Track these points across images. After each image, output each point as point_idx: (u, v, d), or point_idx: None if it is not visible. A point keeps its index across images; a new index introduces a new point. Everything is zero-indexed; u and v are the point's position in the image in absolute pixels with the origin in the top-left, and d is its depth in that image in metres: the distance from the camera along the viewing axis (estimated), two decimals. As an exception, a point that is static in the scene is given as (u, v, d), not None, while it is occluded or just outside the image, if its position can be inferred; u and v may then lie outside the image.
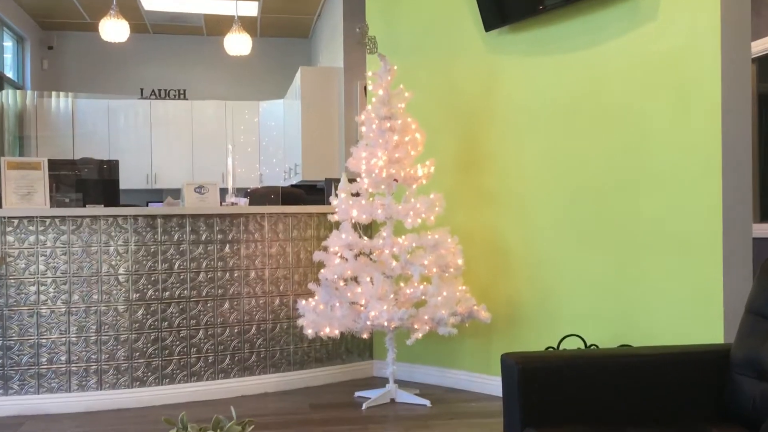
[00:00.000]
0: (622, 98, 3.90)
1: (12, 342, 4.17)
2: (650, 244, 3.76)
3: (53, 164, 4.56)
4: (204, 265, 4.55)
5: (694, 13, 3.55)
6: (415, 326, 4.11)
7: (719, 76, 3.45)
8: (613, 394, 2.41)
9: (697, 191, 3.54)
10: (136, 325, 4.38)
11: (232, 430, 2.10)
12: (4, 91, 8.81)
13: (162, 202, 5.13)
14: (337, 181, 4.62)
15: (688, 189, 3.58)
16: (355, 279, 4.29)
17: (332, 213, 4.43)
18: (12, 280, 4.17)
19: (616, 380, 2.42)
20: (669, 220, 3.67)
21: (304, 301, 4.33)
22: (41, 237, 4.22)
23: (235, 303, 4.64)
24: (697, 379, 2.46)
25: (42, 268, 4.21)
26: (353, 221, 4.32)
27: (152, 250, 4.42)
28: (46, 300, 4.22)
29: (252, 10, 9.27)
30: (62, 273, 4.24)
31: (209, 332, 4.56)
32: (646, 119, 3.79)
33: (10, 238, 4.17)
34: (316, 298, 4.31)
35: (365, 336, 4.35)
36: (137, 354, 4.38)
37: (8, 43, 9.26)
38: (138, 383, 4.37)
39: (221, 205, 4.93)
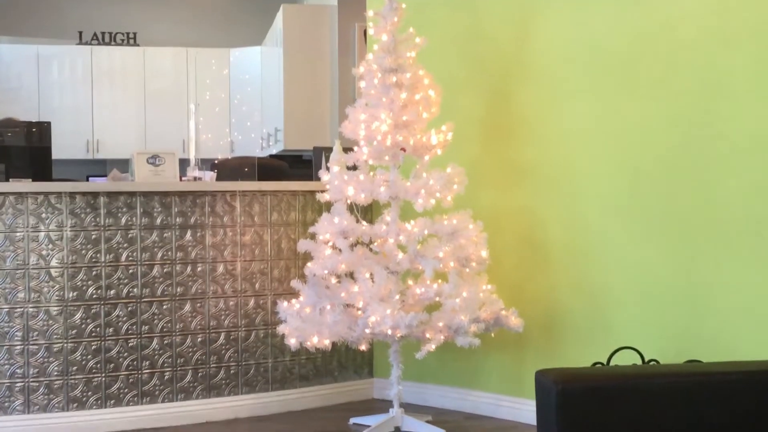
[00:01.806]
0: (695, 49, 3.88)
1: None
2: (728, 236, 3.75)
3: (-33, 127, 4.57)
4: (159, 256, 4.56)
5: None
6: (427, 335, 4.12)
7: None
8: (678, 421, 2.41)
9: (788, 166, 3.54)
10: (73, 331, 4.39)
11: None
12: None
13: (106, 176, 5.14)
14: (329, 150, 4.62)
15: (777, 164, 3.58)
16: (350, 275, 4.29)
17: (322, 191, 4.43)
18: None
19: (681, 404, 2.42)
20: (753, 207, 3.66)
21: (286, 303, 4.34)
22: (-47, 219, 4.23)
23: (199, 305, 4.65)
24: (785, 403, 2.46)
25: (-46, 258, 4.23)
26: (349, 201, 4.31)
27: (93, 236, 4.43)
28: (-41, 299, 4.24)
29: (221, -69, 9.23)
30: (-21, 265, 4.26)
31: (165, 341, 4.57)
32: (725, 75, 3.77)
33: None
34: (301, 299, 4.32)
35: (363, 348, 4.36)
36: (74, 368, 4.39)
37: None
38: (75, 405, 4.39)
39: (181, 180, 4.93)
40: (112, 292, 4.46)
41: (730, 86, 3.75)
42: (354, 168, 4.39)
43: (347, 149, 4.43)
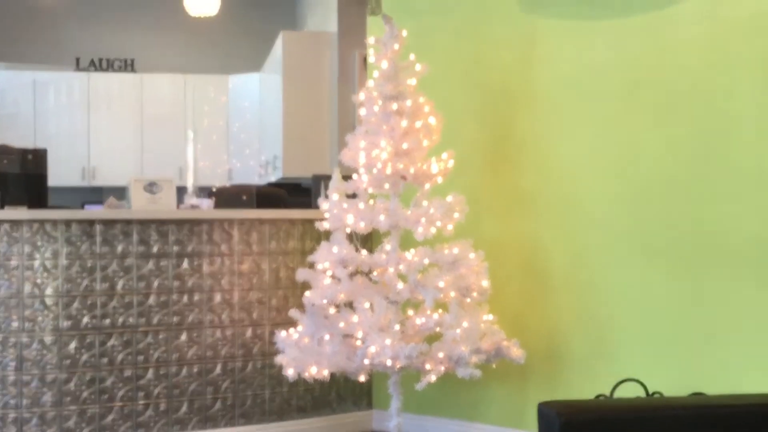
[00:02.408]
0: (697, 75, 3.90)
1: None
2: (733, 265, 3.76)
3: (-38, 153, 4.57)
4: (155, 285, 4.56)
5: (791, -35, 3.56)
6: (428, 366, 4.11)
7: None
8: (683, 455, 2.41)
9: (793, 195, 3.55)
10: (68, 361, 4.38)
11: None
12: None
13: (102, 203, 5.14)
14: (329, 178, 4.63)
15: (782, 192, 3.59)
16: (350, 305, 4.29)
17: (321, 219, 4.43)
18: None
19: (686, 438, 2.42)
20: (758, 234, 3.67)
21: (284, 333, 4.33)
22: (-54, 247, 4.24)
23: (195, 335, 4.64)
24: (792, 437, 2.46)
25: (-53, 286, 4.23)
26: (348, 230, 4.32)
27: (89, 265, 4.43)
28: (-48, 328, 4.24)
29: (220, -42, 9.29)
30: (-27, 293, 4.26)
31: (161, 372, 4.56)
32: (727, 101, 3.79)
33: None
34: (299, 328, 4.31)
35: (362, 379, 4.35)
36: (68, 399, 4.38)
37: None
38: (69, 437, 4.38)
39: (178, 208, 4.93)
40: (108, 321, 4.46)
41: (733, 112, 3.76)
42: (354, 196, 4.40)
43: (347, 177, 4.43)
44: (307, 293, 4.26)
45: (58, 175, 7.09)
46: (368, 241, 4.82)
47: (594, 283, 4.31)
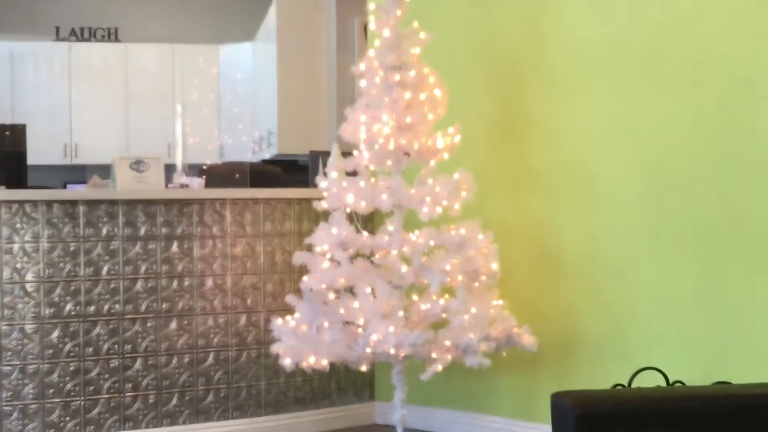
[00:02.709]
0: (723, 44, 3.89)
1: None
2: (759, 246, 3.76)
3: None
4: (143, 269, 4.56)
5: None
6: (433, 355, 4.12)
7: None
8: (706, 449, 2.41)
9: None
10: (50, 351, 4.39)
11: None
12: None
13: (85, 182, 5.14)
14: (327, 154, 4.62)
15: (812, 168, 3.59)
16: (350, 290, 4.30)
17: (319, 199, 4.43)
18: None
19: (709, 429, 2.42)
20: (784, 212, 3.67)
21: (280, 320, 4.34)
22: None
23: (186, 322, 4.65)
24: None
25: None
26: (348, 210, 4.32)
27: (72, 248, 4.43)
28: (-73, 316, 4.25)
29: None
30: (-52, 279, 4.27)
31: (150, 362, 4.58)
32: (756, 73, 3.78)
33: None
34: (296, 315, 4.32)
35: (364, 368, 4.36)
36: (51, 391, 4.39)
37: None
38: (52, 431, 4.39)
39: (167, 187, 4.93)
40: (92, 308, 4.47)
41: (760, 83, 3.75)
42: (354, 174, 4.40)
43: (346, 153, 4.43)
44: (305, 278, 4.27)
45: (38, 153, 7.09)
46: (369, 221, 4.82)
47: (610, 266, 4.32)
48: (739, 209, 3.83)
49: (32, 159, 5.16)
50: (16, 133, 4.95)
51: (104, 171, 5.99)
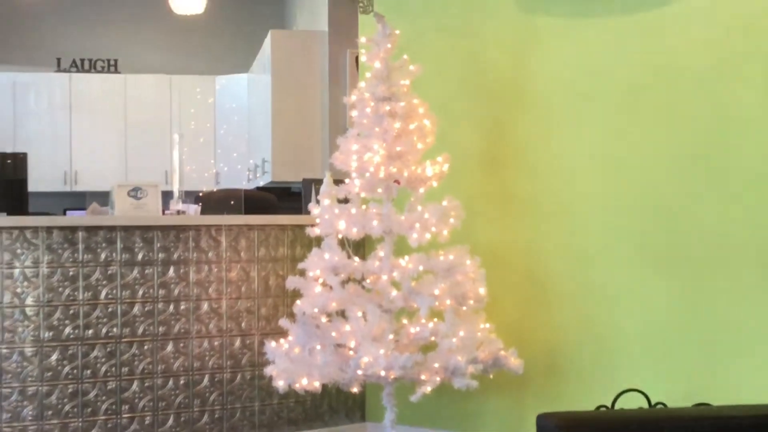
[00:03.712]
0: (700, 77, 3.91)
1: None
2: (737, 271, 3.77)
3: (-61, 158, 4.57)
4: (140, 293, 4.55)
5: (796, -38, 3.57)
6: (423, 377, 4.11)
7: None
8: (688, 469, 2.41)
9: (800, 199, 3.56)
10: (49, 373, 4.37)
11: None
12: None
13: (85, 209, 5.13)
14: (320, 182, 4.63)
15: (788, 196, 3.60)
16: (342, 314, 4.29)
17: (312, 225, 4.43)
18: None
19: (691, 451, 2.42)
20: (762, 240, 3.68)
21: (274, 343, 4.33)
22: (-77, 255, 4.23)
23: (182, 345, 4.64)
24: (800, 449, 2.46)
25: (-77, 296, 4.22)
26: (340, 236, 4.32)
27: (71, 273, 4.42)
28: (-71, 339, 4.22)
29: (207, -46, 9.29)
30: (-50, 303, 4.25)
31: (146, 384, 4.56)
32: (730, 105, 3.80)
33: None
34: (290, 338, 4.31)
35: (355, 390, 4.34)
36: (50, 413, 4.37)
37: None
38: (50, 452, 4.37)
39: (164, 213, 4.93)
40: (90, 331, 4.45)
41: (736, 116, 3.78)
42: (345, 201, 4.40)
43: (338, 181, 4.43)
44: (298, 302, 4.26)
45: (38, 180, 7.11)
46: (361, 247, 4.82)
47: (594, 290, 4.32)
48: (717, 234, 3.84)
49: (33, 186, 5.16)
50: (18, 161, 4.95)
51: (103, 198, 5.98)
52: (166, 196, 6.09)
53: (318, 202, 4.41)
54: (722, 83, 3.83)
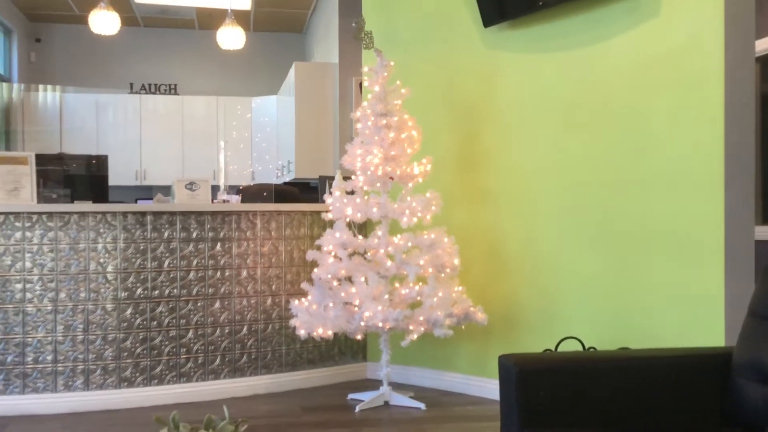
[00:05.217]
0: (624, 97, 3.91)
1: (-3, 341, 4.16)
2: (651, 245, 3.77)
3: (40, 159, 4.55)
4: (194, 263, 4.55)
5: (697, 10, 3.56)
6: (410, 327, 4.11)
7: (722, 75, 3.46)
8: (612, 397, 2.41)
9: (700, 192, 3.55)
10: (125, 324, 4.37)
11: (224, 430, 2.09)
12: (-10, 84, 8.79)
13: (151, 199, 5.13)
14: (332, 178, 4.62)
15: (691, 190, 3.59)
16: (349, 279, 4.29)
17: (326, 211, 4.43)
18: (-3, 278, 4.17)
19: (615, 383, 2.42)
20: (671, 221, 3.68)
21: (296, 301, 4.33)
22: (28, 233, 4.20)
23: (226, 302, 4.64)
24: (699, 382, 2.46)
25: (28, 265, 4.20)
26: (348, 220, 4.32)
27: (141, 247, 4.41)
28: (32, 298, 4.21)
29: (245, 3, 9.26)
30: (49, 270, 4.23)
31: (199, 332, 4.56)
32: (647, 118, 3.79)
33: (-5, 234, 4.16)
34: (309, 298, 4.31)
35: (359, 337, 4.35)
36: (125, 354, 4.37)
37: (-5, 35, 9.23)
38: (126, 384, 4.36)
39: (212, 202, 4.92)
40: (156, 292, 4.45)
41: (651, 127, 3.77)
42: (352, 193, 4.40)
43: (346, 178, 4.43)
44: (315, 270, 4.26)
45: (116, 177, 7.09)
46: (363, 228, 4.82)
47: (542, 261, 4.32)
48: (635, 216, 3.84)
49: (112, 181, 5.15)
50: (100, 161, 4.94)
51: (166, 190, 5.98)
52: (215, 189, 6.08)
53: (331, 193, 4.41)
54: (639, 102, 3.83)
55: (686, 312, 3.59)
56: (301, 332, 4.23)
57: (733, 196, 3.48)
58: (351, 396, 4.54)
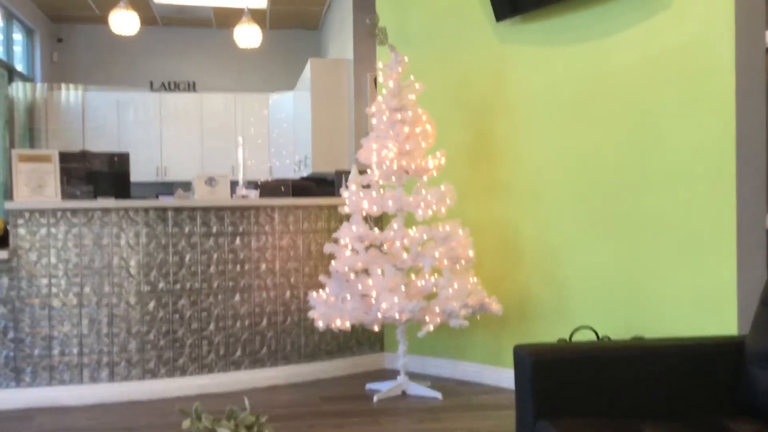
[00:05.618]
0: (634, 90, 3.88)
1: (24, 334, 4.20)
2: (664, 235, 3.75)
3: (64, 157, 4.58)
4: (215, 257, 4.57)
5: (708, 2, 3.53)
6: (426, 318, 4.12)
7: (733, 68, 3.43)
8: (626, 386, 2.41)
9: (712, 183, 3.53)
10: (148, 317, 4.40)
11: (246, 421, 2.11)
12: (14, 84, 8.85)
13: (172, 194, 5.16)
14: (348, 173, 4.63)
15: (703, 181, 3.57)
16: (365, 271, 4.29)
17: (343, 205, 4.43)
18: (23, 273, 4.20)
19: (628, 372, 2.42)
20: (683, 213, 3.66)
21: (315, 294, 4.35)
22: (53, 230, 4.24)
23: (246, 295, 4.66)
24: (712, 371, 2.46)
25: (53, 260, 4.24)
26: (364, 213, 4.32)
27: (163, 242, 4.44)
28: (58, 293, 4.25)
29: (261, 2, 9.26)
30: (74, 266, 4.27)
31: (220, 324, 4.58)
32: (657, 112, 3.77)
33: (21, 231, 4.20)
34: (326, 290, 4.32)
35: (376, 328, 4.36)
36: (149, 346, 4.40)
37: (18, 36, 9.29)
38: (149, 375, 4.40)
39: (232, 197, 4.94)
40: (178, 285, 4.47)
41: (661, 120, 3.75)
42: (368, 186, 4.40)
43: (362, 172, 4.43)
44: (333, 262, 4.27)
45: (138, 173, 7.14)
46: (379, 221, 4.82)
47: (555, 252, 4.31)
48: (648, 208, 3.83)
49: (134, 177, 5.18)
50: (122, 159, 4.97)
51: (186, 185, 6.00)
52: (234, 184, 6.10)
53: (347, 187, 4.42)
54: (651, 95, 3.81)
55: (699, 301, 3.58)
56: (320, 324, 4.24)
57: (745, 186, 3.46)
58: (369, 386, 4.55)
